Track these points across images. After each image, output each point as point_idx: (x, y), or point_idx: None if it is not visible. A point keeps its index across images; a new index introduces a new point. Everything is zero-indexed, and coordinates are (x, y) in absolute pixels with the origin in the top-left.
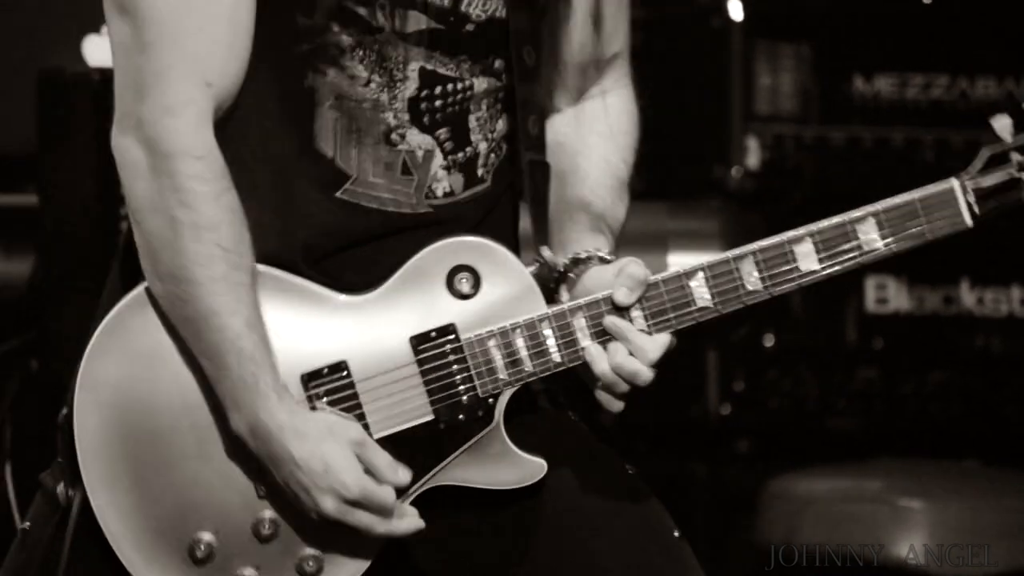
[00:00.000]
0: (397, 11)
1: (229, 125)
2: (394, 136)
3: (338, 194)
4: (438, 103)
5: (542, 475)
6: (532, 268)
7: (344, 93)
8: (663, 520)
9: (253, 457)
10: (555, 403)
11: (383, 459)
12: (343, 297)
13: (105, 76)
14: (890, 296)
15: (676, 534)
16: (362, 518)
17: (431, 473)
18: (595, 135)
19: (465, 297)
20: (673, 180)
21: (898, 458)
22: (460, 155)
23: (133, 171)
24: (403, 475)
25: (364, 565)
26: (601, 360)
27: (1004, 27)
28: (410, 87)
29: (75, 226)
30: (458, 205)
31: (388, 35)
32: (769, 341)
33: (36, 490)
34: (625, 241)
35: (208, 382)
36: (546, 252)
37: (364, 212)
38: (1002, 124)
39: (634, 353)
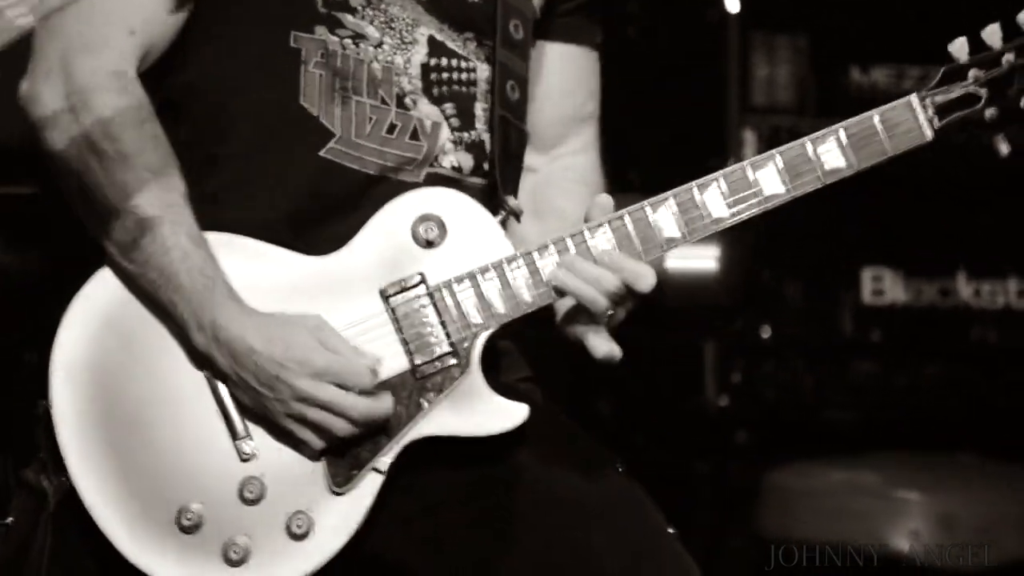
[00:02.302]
0: None
1: (216, 83)
2: (407, 100)
3: (322, 152)
4: (446, 75)
5: (523, 420)
6: (498, 217)
7: (338, 51)
8: (656, 517)
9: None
10: (547, 401)
11: (344, 343)
12: (311, 258)
13: None
14: (886, 288)
15: (670, 531)
16: (336, 393)
17: (412, 423)
18: (571, 182)
19: (431, 245)
20: (670, 172)
21: (894, 450)
22: (466, 135)
23: (50, 114)
24: (369, 358)
25: (353, 525)
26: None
27: (1003, 17)
28: (420, 52)
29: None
30: (459, 185)
31: None
32: (766, 333)
33: (19, 485)
34: None
35: (179, 350)
36: (511, 200)
37: (344, 172)
38: (958, 45)
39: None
